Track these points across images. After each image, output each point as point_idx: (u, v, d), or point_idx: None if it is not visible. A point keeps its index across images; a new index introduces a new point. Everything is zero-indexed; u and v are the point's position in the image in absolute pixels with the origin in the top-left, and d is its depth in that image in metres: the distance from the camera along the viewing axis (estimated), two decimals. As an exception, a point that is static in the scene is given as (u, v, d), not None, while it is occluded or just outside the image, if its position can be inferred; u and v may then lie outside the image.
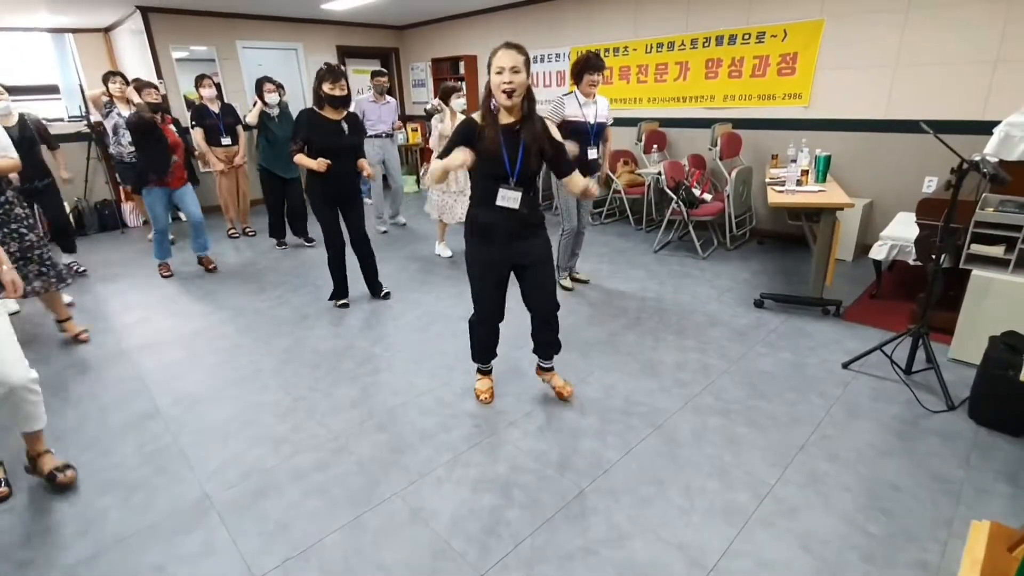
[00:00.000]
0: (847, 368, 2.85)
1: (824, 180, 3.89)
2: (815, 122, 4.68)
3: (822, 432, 2.35)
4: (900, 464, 2.15)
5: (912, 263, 3.42)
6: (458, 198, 4.57)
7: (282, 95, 5.14)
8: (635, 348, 3.13)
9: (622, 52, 5.78)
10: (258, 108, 4.99)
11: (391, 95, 5.73)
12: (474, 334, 2.57)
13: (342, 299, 3.82)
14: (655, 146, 5.54)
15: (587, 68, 3.43)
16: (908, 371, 2.74)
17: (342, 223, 3.65)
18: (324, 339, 3.35)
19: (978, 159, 2.33)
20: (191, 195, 4.48)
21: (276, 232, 5.38)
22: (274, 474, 2.18)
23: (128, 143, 4.74)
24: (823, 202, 3.43)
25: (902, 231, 3.55)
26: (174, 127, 4.36)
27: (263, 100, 4.96)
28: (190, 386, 2.87)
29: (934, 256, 2.60)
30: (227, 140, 5.30)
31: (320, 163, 3.32)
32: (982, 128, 3.52)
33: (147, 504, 2.04)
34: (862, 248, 4.44)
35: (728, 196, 4.78)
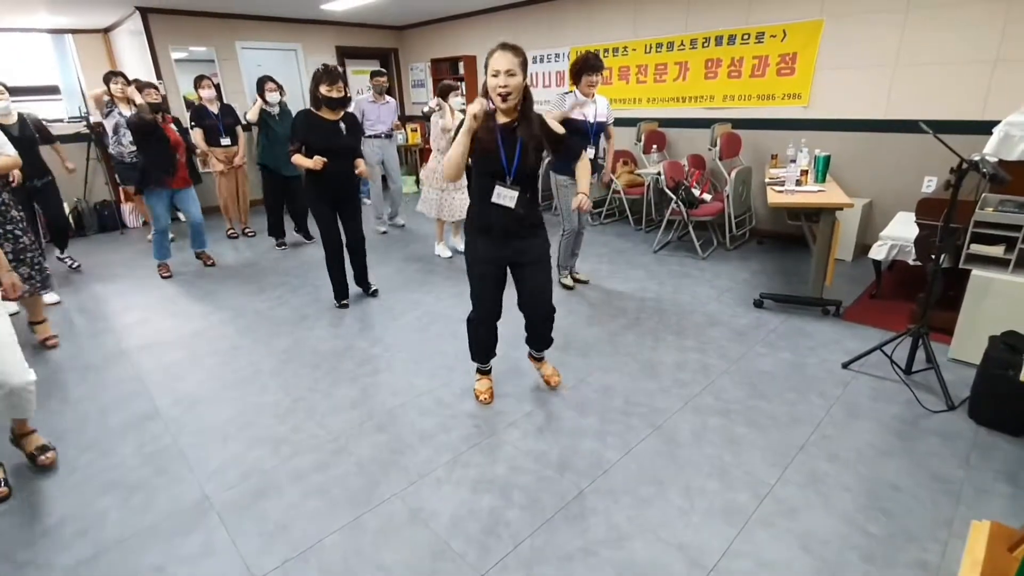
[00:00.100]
0: (847, 368, 2.85)
1: (823, 180, 3.89)
2: (814, 122, 4.68)
3: (822, 432, 2.35)
4: (900, 464, 2.15)
5: (912, 263, 3.42)
6: (455, 195, 4.56)
7: (282, 95, 5.14)
8: (635, 348, 3.13)
9: (621, 52, 5.78)
10: (258, 105, 4.99)
11: (390, 95, 5.72)
12: (472, 333, 2.57)
13: (342, 300, 3.82)
14: (654, 146, 5.54)
15: (585, 69, 3.44)
16: (908, 371, 2.74)
17: (340, 225, 3.65)
18: (324, 340, 3.35)
19: (978, 159, 2.33)
20: (192, 196, 4.50)
21: (275, 232, 5.38)
22: (274, 475, 2.18)
23: (129, 142, 4.74)
24: (822, 202, 3.43)
25: (902, 231, 3.55)
26: (175, 126, 4.36)
27: (264, 99, 4.96)
28: (190, 387, 2.87)
29: (934, 256, 2.60)
30: (226, 140, 5.30)
31: (316, 161, 3.31)
32: (982, 128, 3.52)
33: (147, 505, 2.04)
34: (862, 248, 4.44)
35: (728, 196, 4.78)
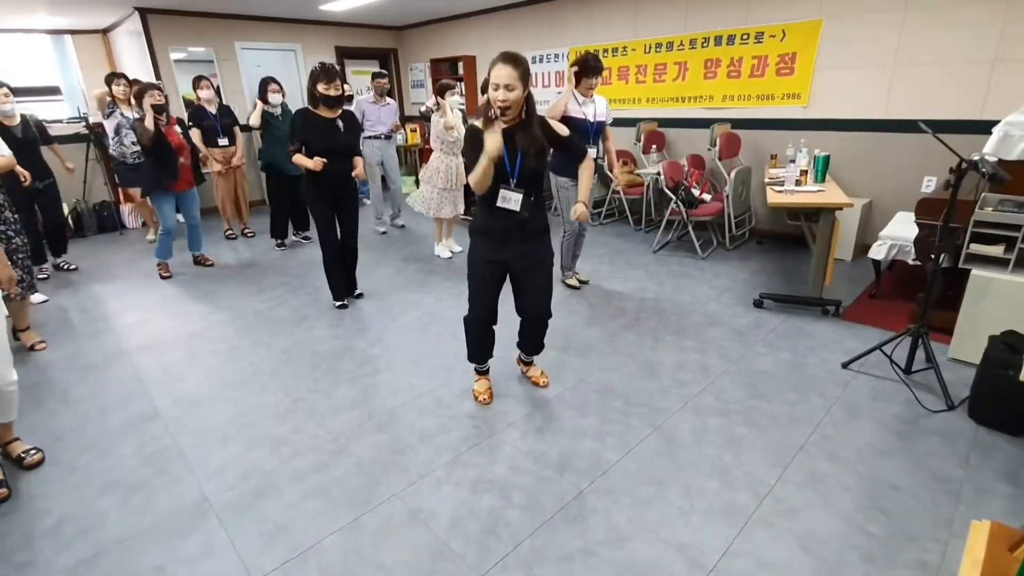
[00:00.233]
0: (847, 368, 2.85)
1: (823, 180, 3.88)
2: (814, 122, 4.68)
3: (822, 432, 2.35)
4: (900, 464, 2.15)
5: (911, 263, 3.42)
6: (444, 195, 4.55)
7: (284, 97, 5.14)
8: (634, 348, 3.13)
9: (621, 52, 5.78)
10: (259, 109, 4.98)
11: (391, 97, 5.72)
12: (469, 333, 2.56)
13: (340, 300, 3.82)
14: (654, 146, 5.54)
15: (585, 72, 3.44)
16: (908, 371, 2.74)
17: (337, 225, 3.65)
18: (323, 340, 3.35)
19: (977, 158, 2.33)
20: (195, 199, 4.54)
21: (279, 232, 5.37)
22: (273, 475, 2.18)
23: (132, 143, 4.74)
24: (822, 202, 3.42)
25: (901, 231, 3.55)
26: (179, 128, 4.36)
27: (267, 100, 4.96)
28: (189, 387, 2.86)
29: (933, 256, 2.60)
30: (224, 141, 5.29)
31: (316, 162, 3.31)
32: (981, 127, 3.52)
33: (147, 505, 2.04)
34: (861, 248, 4.44)
35: (727, 196, 4.78)
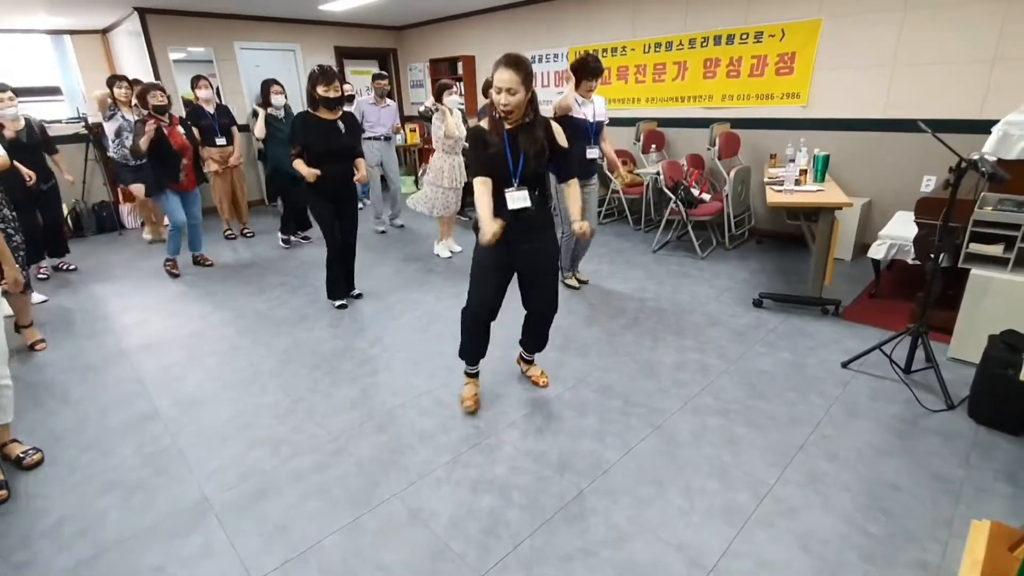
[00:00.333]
0: (846, 367, 2.85)
1: (822, 180, 3.88)
2: (813, 122, 4.68)
3: (821, 432, 2.35)
4: (900, 463, 2.15)
5: (911, 262, 3.42)
6: (449, 194, 4.56)
7: (286, 98, 5.13)
8: (634, 348, 3.13)
9: (620, 52, 5.78)
10: (262, 119, 4.96)
11: (391, 98, 5.72)
12: (465, 329, 2.52)
13: (339, 300, 3.82)
14: (653, 146, 5.54)
15: (585, 75, 3.43)
16: (907, 370, 2.75)
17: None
18: (323, 340, 3.34)
19: (976, 158, 2.33)
20: (196, 198, 4.57)
21: (290, 229, 5.40)
22: (273, 475, 2.17)
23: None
24: (822, 201, 3.42)
25: (901, 230, 3.55)
26: (182, 128, 4.36)
27: (270, 102, 4.94)
28: (189, 387, 2.86)
29: (933, 255, 2.60)
30: (222, 141, 5.29)
31: (310, 174, 3.31)
32: (980, 127, 3.52)
33: (146, 505, 2.04)
34: (861, 247, 4.44)
35: (727, 196, 4.78)
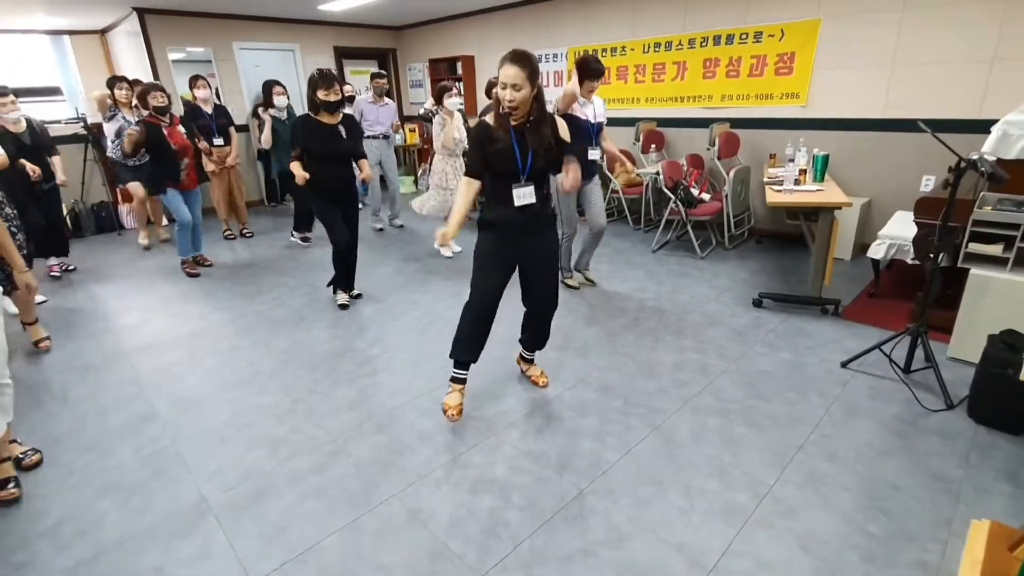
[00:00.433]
0: (846, 367, 2.85)
1: (822, 179, 3.88)
2: (813, 121, 4.68)
3: (821, 432, 2.35)
4: (899, 463, 2.15)
5: (910, 262, 3.42)
6: (455, 194, 4.58)
7: (288, 99, 5.14)
8: (634, 348, 3.13)
9: (620, 52, 5.78)
10: (269, 127, 4.94)
11: (389, 97, 5.72)
12: (465, 321, 2.43)
13: (342, 299, 3.81)
14: (653, 146, 5.54)
15: (588, 75, 3.41)
16: (907, 370, 2.74)
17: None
18: (323, 340, 3.34)
19: (976, 157, 2.33)
20: (198, 198, 4.58)
21: (304, 227, 5.44)
22: (272, 476, 2.17)
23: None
24: (821, 201, 3.42)
25: (900, 230, 3.54)
26: (182, 128, 4.35)
27: (272, 103, 4.94)
28: (188, 388, 2.86)
29: (932, 255, 2.60)
30: (219, 141, 5.27)
31: (301, 177, 3.31)
32: (980, 127, 3.52)
33: (145, 506, 2.04)
34: (860, 247, 4.44)
35: (726, 196, 4.78)
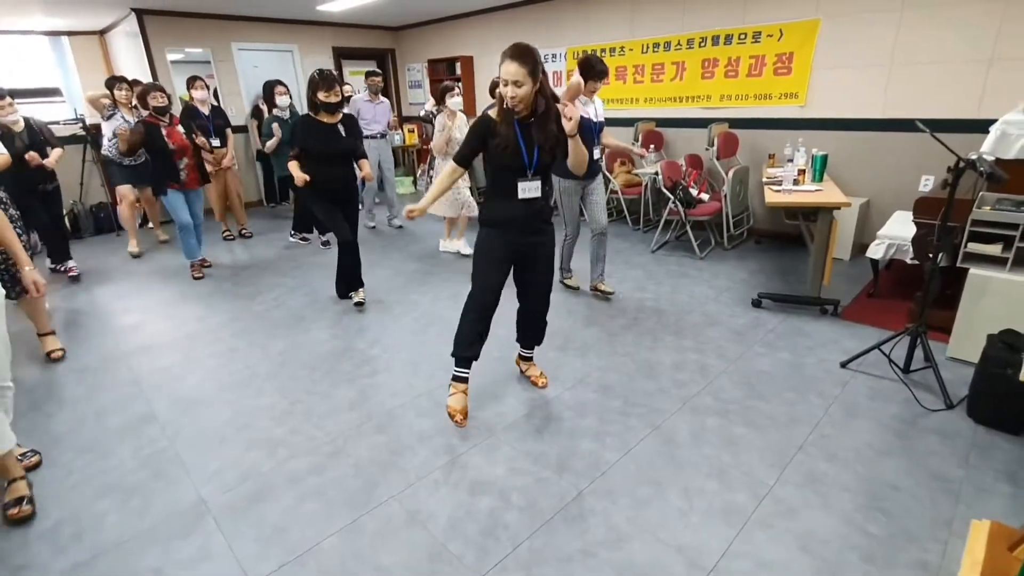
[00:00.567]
0: (845, 367, 2.85)
1: (821, 179, 3.88)
2: (811, 121, 4.68)
3: (820, 432, 2.35)
4: (899, 463, 2.15)
5: (909, 262, 3.42)
6: (463, 191, 4.62)
7: (290, 98, 5.13)
8: (633, 348, 3.13)
9: (618, 52, 5.78)
10: (276, 140, 4.93)
11: (384, 96, 5.74)
12: (467, 317, 2.42)
13: (357, 297, 3.81)
14: (652, 146, 5.52)
15: (591, 75, 3.40)
16: (906, 370, 2.74)
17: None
18: (321, 341, 3.33)
19: (975, 157, 2.33)
20: (199, 198, 4.57)
21: (309, 228, 5.46)
22: (271, 478, 2.17)
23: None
24: (820, 201, 3.42)
25: (899, 230, 3.55)
26: (182, 128, 4.34)
27: (275, 103, 4.92)
28: (187, 389, 2.85)
29: (931, 255, 2.60)
30: (215, 142, 5.25)
31: (299, 178, 3.33)
32: (978, 127, 3.52)
33: (144, 508, 2.03)
34: (859, 247, 4.44)
35: (725, 196, 4.78)
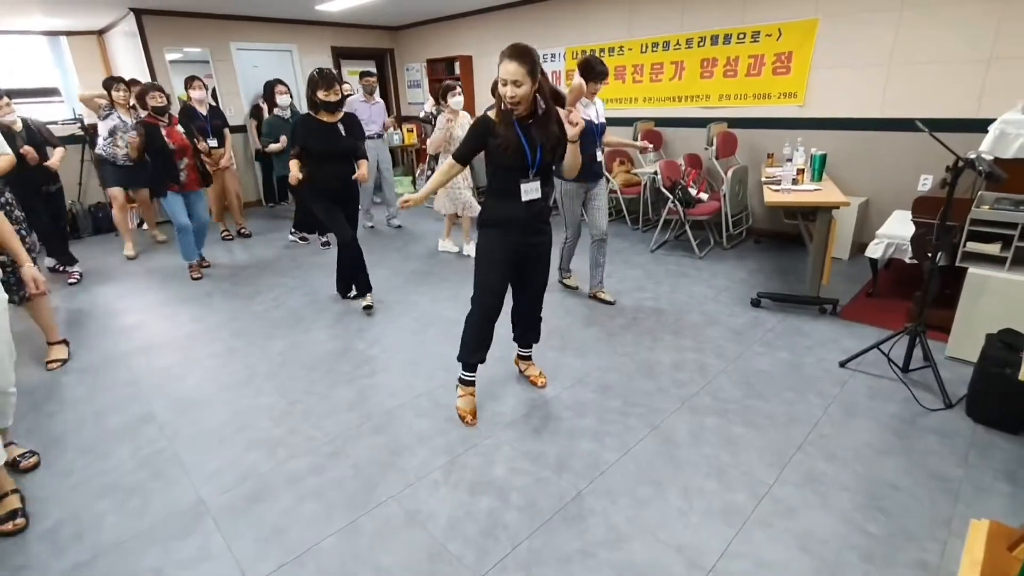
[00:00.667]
0: (844, 367, 2.85)
1: (820, 179, 3.88)
2: (810, 121, 4.68)
3: (820, 431, 2.35)
4: (898, 463, 2.15)
5: (908, 261, 3.42)
6: (465, 192, 4.61)
7: (291, 98, 5.13)
8: (632, 348, 3.13)
9: (617, 52, 5.77)
10: (283, 144, 4.94)
11: (383, 96, 5.75)
12: (473, 324, 2.45)
13: (347, 293, 3.80)
14: (651, 145, 5.53)
15: (592, 77, 3.40)
16: (905, 369, 2.74)
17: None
18: (320, 341, 3.33)
19: (973, 157, 2.33)
20: (201, 199, 4.54)
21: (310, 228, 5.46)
22: (269, 478, 2.16)
23: (125, 146, 4.72)
24: (819, 201, 3.42)
25: (898, 229, 3.55)
26: (182, 128, 4.33)
27: (275, 102, 4.92)
28: (185, 390, 2.85)
29: (930, 254, 2.60)
30: (213, 142, 5.25)
31: (294, 177, 3.34)
32: (977, 126, 3.52)
33: (143, 508, 2.03)
34: (858, 247, 4.44)
35: (724, 195, 4.78)
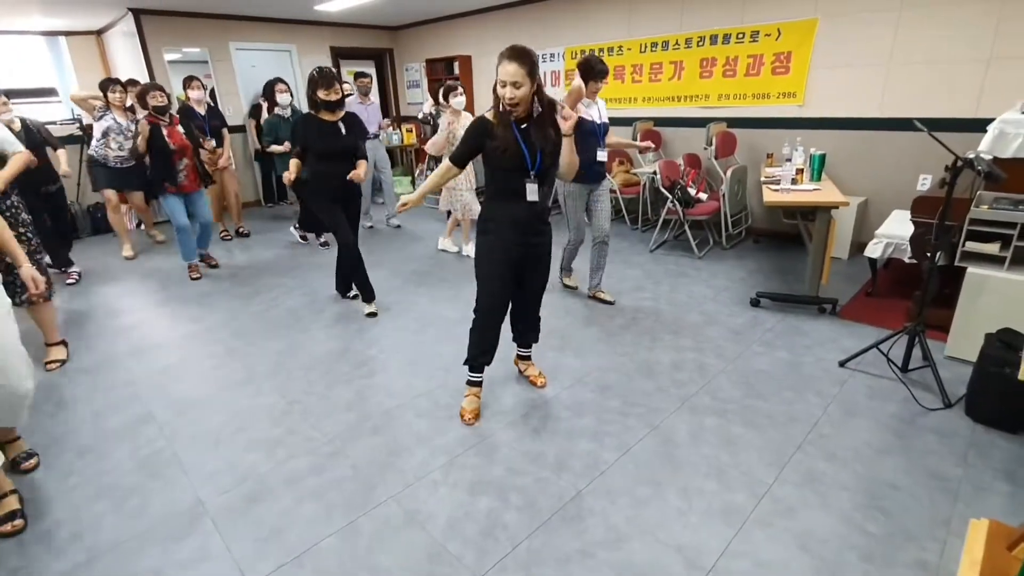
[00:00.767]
0: (843, 366, 2.85)
1: (819, 179, 3.89)
2: (810, 121, 4.69)
3: (819, 431, 2.35)
4: (898, 462, 2.15)
5: (907, 261, 3.43)
6: (466, 195, 4.61)
7: (292, 97, 5.12)
8: (631, 348, 3.12)
9: (616, 52, 5.77)
10: (287, 147, 4.93)
11: (381, 96, 5.76)
12: (479, 328, 2.44)
13: (348, 293, 3.79)
14: (651, 144, 5.53)
15: (592, 76, 3.39)
16: (904, 369, 2.75)
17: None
18: (319, 342, 3.33)
19: (972, 156, 2.33)
20: (203, 199, 4.52)
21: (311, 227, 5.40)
22: (268, 479, 2.16)
23: (118, 147, 4.72)
24: (818, 200, 3.43)
25: (897, 229, 3.55)
26: (182, 128, 4.32)
27: (276, 101, 4.92)
28: (184, 390, 2.85)
29: (929, 254, 2.60)
30: (212, 143, 5.23)
31: (287, 176, 3.36)
32: (976, 126, 3.52)
33: (142, 509, 2.02)
34: (857, 246, 4.44)
35: (723, 195, 4.78)
